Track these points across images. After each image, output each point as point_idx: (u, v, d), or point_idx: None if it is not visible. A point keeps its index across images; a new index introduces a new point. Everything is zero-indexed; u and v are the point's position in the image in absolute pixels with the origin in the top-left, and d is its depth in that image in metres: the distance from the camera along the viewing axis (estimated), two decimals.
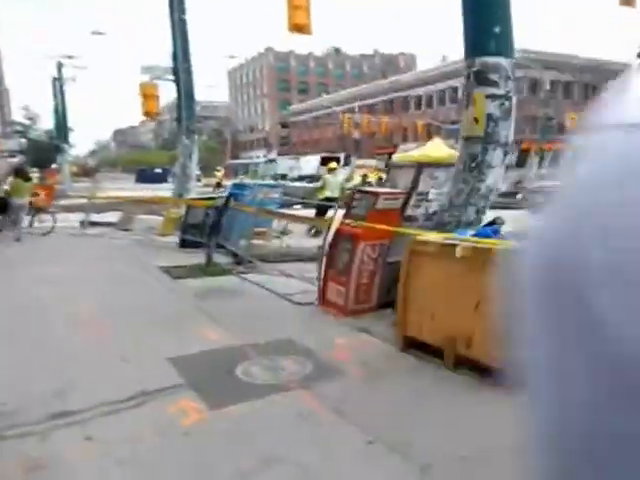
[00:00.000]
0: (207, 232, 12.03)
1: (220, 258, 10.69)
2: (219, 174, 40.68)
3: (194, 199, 14.08)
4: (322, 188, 16.02)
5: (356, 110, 62.21)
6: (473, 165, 6.48)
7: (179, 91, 16.16)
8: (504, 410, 1.49)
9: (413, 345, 5.56)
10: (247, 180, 43.87)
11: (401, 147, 75.71)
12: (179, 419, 4.18)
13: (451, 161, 30.41)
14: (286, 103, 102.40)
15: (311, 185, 35.77)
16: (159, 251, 12.20)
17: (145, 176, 69.45)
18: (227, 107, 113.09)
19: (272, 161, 71.50)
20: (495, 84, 6.33)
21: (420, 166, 7.69)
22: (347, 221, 7.28)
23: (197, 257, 11.00)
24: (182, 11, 15.80)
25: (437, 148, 40.38)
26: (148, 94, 16.94)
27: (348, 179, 44.68)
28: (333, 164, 17.92)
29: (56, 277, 9.17)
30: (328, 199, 14.98)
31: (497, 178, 6.68)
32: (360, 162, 59.87)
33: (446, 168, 7.66)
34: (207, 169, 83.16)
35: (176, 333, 6.17)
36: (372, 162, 61.65)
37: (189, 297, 7.83)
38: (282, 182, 39.77)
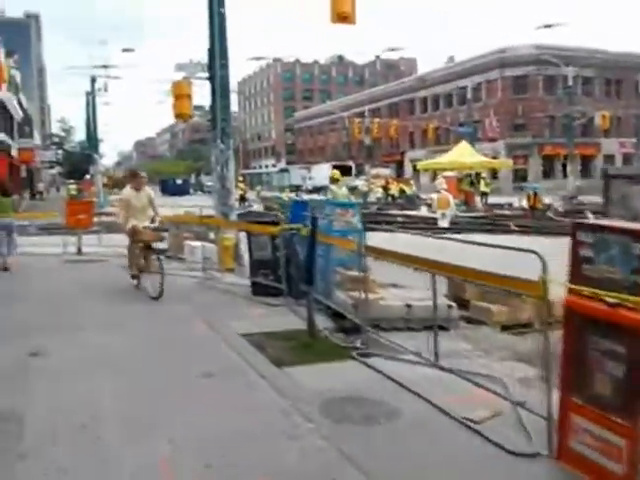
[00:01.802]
0: (283, 274, 9.06)
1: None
2: (242, 185, 37.29)
3: (253, 222, 10.88)
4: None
5: (366, 114, 58.88)
6: None
7: (214, 90, 13.27)
8: None
9: None
10: (279, 193, 40.91)
11: (409, 154, 72.73)
12: None
13: (485, 168, 27.42)
14: (291, 111, 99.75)
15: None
16: (232, 302, 9.14)
17: (168, 187, 67.02)
18: (236, 116, 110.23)
19: (285, 171, 68.66)
20: None
21: None
22: (584, 290, 3.77)
23: (284, 314, 8.18)
24: (221, 4, 12.97)
25: (467, 153, 37.25)
26: (181, 94, 13.92)
27: (368, 191, 41.93)
28: (336, 173, 15.27)
29: (103, 356, 6.20)
30: None
31: None
32: (374, 171, 56.70)
33: None
34: None
35: None
36: (386, 171, 58.53)
37: (315, 416, 4.74)
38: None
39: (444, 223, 23.35)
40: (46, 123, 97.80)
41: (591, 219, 25.99)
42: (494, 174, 53.05)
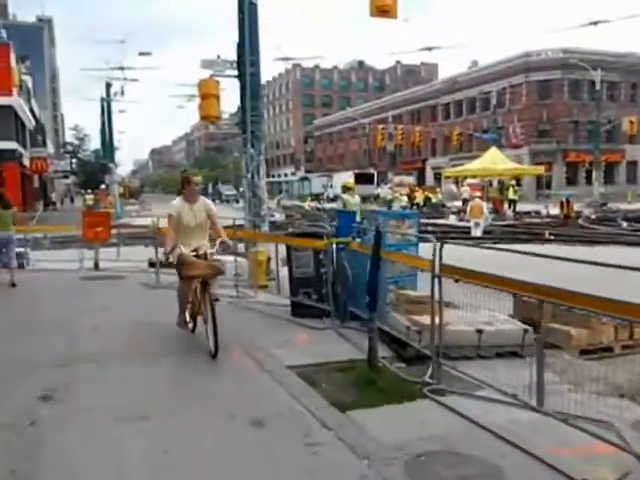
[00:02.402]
0: (330, 294, 8.16)
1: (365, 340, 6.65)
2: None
3: (293, 235, 9.77)
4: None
5: (390, 120, 57.80)
6: None
7: (243, 90, 12.41)
8: None
9: None
10: (300, 202, 39.84)
11: (430, 161, 71.46)
12: None
13: (517, 175, 26.36)
14: (310, 118, 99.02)
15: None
16: (272, 325, 8.16)
17: None
18: None
19: (305, 179, 67.74)
20: None
21: None
22: None
23: (332, 340, 7.31)
24: None
25: (498, 159, 36.12)
26: (208, 93, 12.65)
27: (392, 199, 41.01)
28: (349, 182, 14.18)
29: (128, 399, 5.32)
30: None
31: None
32: (397, 179, 55.57)
33: None
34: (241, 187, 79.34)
35: None
36: (410, 179, 57.37)
37: None
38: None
39: (477, 232, 22.32)
40: (59, 131, 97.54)
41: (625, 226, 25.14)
42: (517, 181, 51.85)
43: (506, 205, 34.64)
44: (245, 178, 12.41)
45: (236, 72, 12.57)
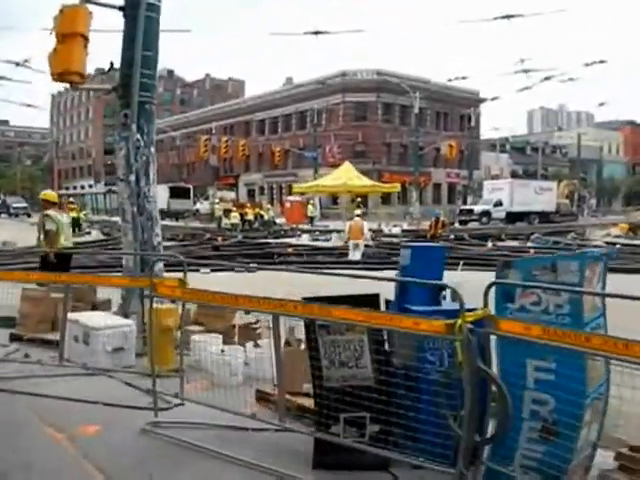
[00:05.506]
0: (467, 428, 3.47)
1: None
2: (73, 206, 29.73)
3: (324, 300, 3.68)
4: (57, 233, 9.01)
5: (213, 131, 52.63)
6: None
7: (130, 33, 7.06)
8: None
9: None
10: (109, 217, 32.86)
11: (243, 177, 67.65)
12: None
13: (376, 192, 22.70)
14: (112, 128, 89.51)
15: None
16: None
17: None
18: (48, 133, 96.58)
19: (112, 192, 59.41)
20: None
21: None
22: None
23: None
24: None
25: (354, 175, 32.81)
26: (73, 32, 6.51)
27: (220, 217, 36.70)
28: (52, 194, 9.98)
29: None
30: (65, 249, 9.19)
31: None
32: (219, 194, 50.91)
33: None
34: (33, 201, 67.97)
35: None
36: (231, 194, 53.18)
37: None
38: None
39: (357, 255, 18.66)
40: None
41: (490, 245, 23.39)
42: (334, 200, 50.16)
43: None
44: (124, 182, 7.09)
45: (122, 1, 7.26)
